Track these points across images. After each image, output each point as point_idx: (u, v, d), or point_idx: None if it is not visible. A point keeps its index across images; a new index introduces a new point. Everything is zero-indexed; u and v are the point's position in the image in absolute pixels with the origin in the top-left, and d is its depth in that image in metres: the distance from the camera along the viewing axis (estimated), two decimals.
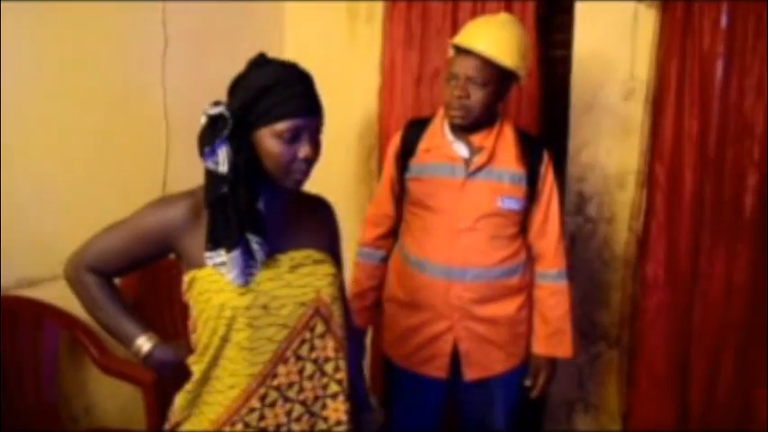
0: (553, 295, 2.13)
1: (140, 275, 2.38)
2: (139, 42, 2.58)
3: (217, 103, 1.32)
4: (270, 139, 1.30)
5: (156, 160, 2.61)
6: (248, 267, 1.32)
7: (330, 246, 1.52)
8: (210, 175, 1.31)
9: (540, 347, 2.15)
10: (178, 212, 1.36)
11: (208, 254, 1.31)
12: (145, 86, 2.61)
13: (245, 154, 1.30)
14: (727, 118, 2.37)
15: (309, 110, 1.32)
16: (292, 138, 1.30)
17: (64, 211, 2.35)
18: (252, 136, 1.32)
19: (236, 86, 1.34)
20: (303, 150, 1.31)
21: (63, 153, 2.37)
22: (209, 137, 1.29)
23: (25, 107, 2.26)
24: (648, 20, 2.47)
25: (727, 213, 2.40)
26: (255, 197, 1.33)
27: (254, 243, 1.32)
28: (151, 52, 2.60)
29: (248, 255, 1.31)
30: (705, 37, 2.35)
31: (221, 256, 1.30)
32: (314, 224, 1.49)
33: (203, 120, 1.31)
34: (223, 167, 1.29)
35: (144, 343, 1.45)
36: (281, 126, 1.29)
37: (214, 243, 1.31)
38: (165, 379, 1.50)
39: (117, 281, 1.52)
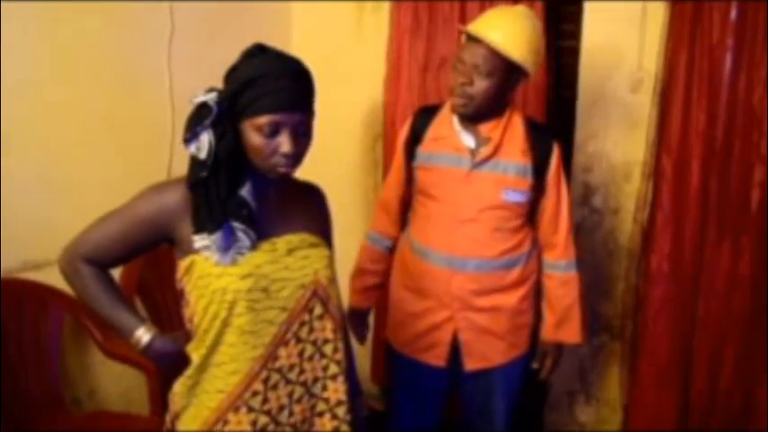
0: (562, 285, 2.14)
1: (143, 261, 2.39)
2: (146, 29, 2.58)
3: (211, 90, 1.34)
4: (251, 131, 1.32)
5: (161, 146, 2.61)
6: (232, 250, 1.34)
7: (323, 231, 1.54)
8: (192, 160, 1.34)
9: (548, 334, 2.17)
10: (173, 198, 1.37)
11: (195, 237, 1.34)
12: (151, 72, 2.61)
13: (228, 142, 1.32)
14: (734, 111, 2.35)
15: (291, 105, 1.32)
16: (272, 132, 1.31)
17: (69, 195, 2.36)
18: (238, 126, 1.33)
19: (229, 75, 1.36)
20: (283, 145, 1.32)
21: (69, 137, 2.37)
22: (193, 123, 1.32)
23: (32, 92, 2.26)
24: (657, 11, 2.45)
25: (733, 207, 2.39)
26: (237, 185, 1.34)
27: (239, 231, 1.34)
28: (157, 39, 2.60)
29: (231, 238, 1.33)
30: (714, 30, 2.33)
31: (205, 239, 1.33)
32: (307, 209, 1.51)
33: (192, 105, 1.33)
34: (203, 153, 1.32)
35: (143, 334, 1.45)
36: (261, 120, 1.30)
37: (198, 227, 1.34)
38: (166, 369, 1.51)
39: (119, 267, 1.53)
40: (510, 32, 1.95)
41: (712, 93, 2.36)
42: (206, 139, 1.31)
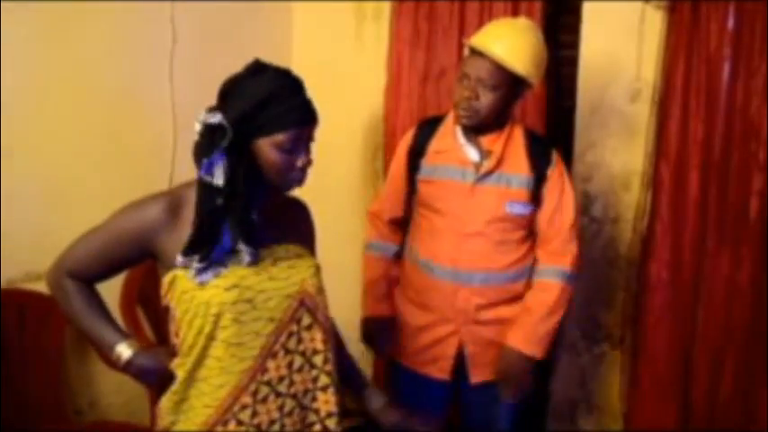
0: (537, 290, 2.08)
1: (144, 270, 2.40)
2: (148, 40, 2.59)
3: (211, 109, 1.31)
4: (269, 148, 1.31)
5: (163, 157, 2.62)
6: (210, 273, 1.33)
7: (308, 244, 1.53)
8: (205, 187, 1.30)
9: (508, 337, 2.07)
10: (154, 213, 1.36)
11: (180, 258, 1.32)
12: (153, 84, 2.62)
13: (246, 164, 1.30)
14: (732, 120, 2.37)
15: (308, 119, 1.34)
16: (293, 147, 1.32)
17: (71, 206, 2.36)
18: (250, 145, 1.31)
19: (232, 94, 1.32)
20: (301, 159, 1.34)
21: (71, 148, 2.39)
22: (207, 147, 1.29)
23: (34, 104, 2.27)
24: (655, 21, 2.47)
25: (732, 216, 2.40)
26: (250, 208, 1.33)
27: (247, 254, 1.33)
28: (159, 50, 2.62)
29: (218, 265, 1.32)
30: (712, 39, 2.35)
31: (192, 261, 1.31)
32: (292, 222, 1.50)
33: (199, 127, 1.30)
34: (219, 180, 1.29)
35: (124, 350, 1.42)
36: (282, 137, 1.30)
37: (191, 250, 1.31)
38: (150, 385, 1.48)
39: (121, 275, 1.52)
40: (513, 45, 1.95)
41: (710, 102, 2.37)
42: (222, 164, 1.28)
